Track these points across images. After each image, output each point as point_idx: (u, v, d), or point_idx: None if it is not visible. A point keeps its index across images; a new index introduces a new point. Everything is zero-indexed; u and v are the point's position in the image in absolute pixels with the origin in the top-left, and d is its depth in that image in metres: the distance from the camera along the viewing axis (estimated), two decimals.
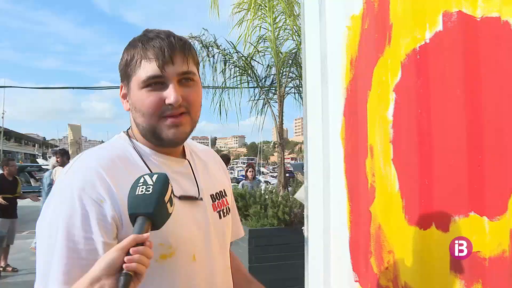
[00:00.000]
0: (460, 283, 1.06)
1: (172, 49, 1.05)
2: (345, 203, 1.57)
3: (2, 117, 37.19)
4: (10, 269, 6.82)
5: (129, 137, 1.15)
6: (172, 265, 1.05)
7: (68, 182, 1.01)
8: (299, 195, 3.42)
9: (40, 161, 43.39)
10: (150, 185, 0.90)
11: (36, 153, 63.00)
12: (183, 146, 1.23)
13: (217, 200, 1.23)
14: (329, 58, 1.66)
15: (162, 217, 0.91)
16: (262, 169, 52.07)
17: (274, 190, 6.22)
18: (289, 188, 6.56)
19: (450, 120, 1.10)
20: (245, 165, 12.45)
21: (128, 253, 0.82)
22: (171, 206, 0.93)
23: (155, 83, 1.05)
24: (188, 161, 1.21)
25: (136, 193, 0.90)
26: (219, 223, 1.21)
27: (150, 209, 0.88)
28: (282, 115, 6.60)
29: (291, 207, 4.93)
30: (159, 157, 1.13)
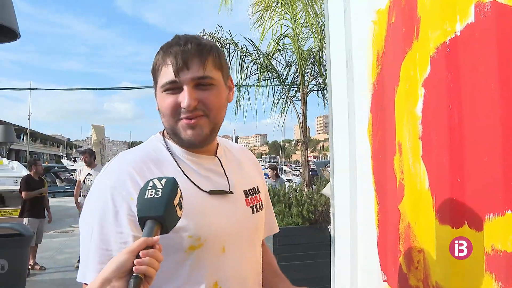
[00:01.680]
0: (496, 285, 1.02)
1: (186, 55, 1.09)
2: (372, 201, 1.54)
3: (28, 119, 38.11)
4: (38, 267, 7.00)
5: (164, 137, 1.22)
6: (200, 256, 1.09)
7: (103, 182, 1.10)
8: (326, 191, 3.39)
9: (65, 161, 44.45)
10: (160, 188, 0.92)
11: (61, 153, 64.52)
12: (217, 144, 1.28)
13: (250, 196, 1.27)
14: (354, 53, 1.63)
15: (172, 220, 0.92)
16: (284, 167, 51.99)
17: (298, 189, 6.19)
18: (313, 187, 6.52)
19: (484, 114, 1.05)
20: (268, 165, 12.81)
21: (138, 256, 0.85)
22: (180, 210, 0.94)
23: (172, 88, 1.11)
24: (218, 158, 1.24)
25: (146, 197, 0.91)
26: (251, 217, 1.25)
27: (160, 212, 0.89)
28: (306, 113, 6.56)
29: (315, 205, 4.89)
30: (189, 155, 1.18)
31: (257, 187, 1.32)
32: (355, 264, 1.64)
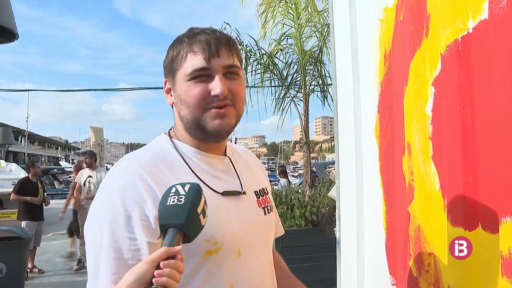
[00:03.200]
0: None
1: (218, 42, 1.07)
2: (380, 203, 1.50)
3: (26, 121, 37.99)
4: (36, 270, 6.97)
5: (170, 137, 1.16)
6: (217, 261, 1.05)
7: (111, 185, 1.02)
8: (332, 193, 3.38)
9: (63, 163, 44.39)
10: (182, 195, 0.86)
11: (59, 155, 64.47)
12: (225, 144, 1.24)
13: (261, 197, 1.23)
14: (360, 52, 1.60)
15: (195, 229, 0.87)
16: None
17: (300, 190, 6.15)
18: (315, 188, 6.48)
19: (499, 113, 1.02)
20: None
21: (158, 267, 0.79)
22: (204, 217, 0.89)
23: (201, 75, 1.06)
24: (229, 158, 1.21)
25: (168, 203, 0.86)
26: (264, 219, 1.21)
27: (182, 220, 0.84)
28: (308, 114, 6.52)
29: (318, 207, 4.85)
30: (200, 155, 1.14)
31: (265, 188, 1.29)
32: (361, 267, 1.60)
